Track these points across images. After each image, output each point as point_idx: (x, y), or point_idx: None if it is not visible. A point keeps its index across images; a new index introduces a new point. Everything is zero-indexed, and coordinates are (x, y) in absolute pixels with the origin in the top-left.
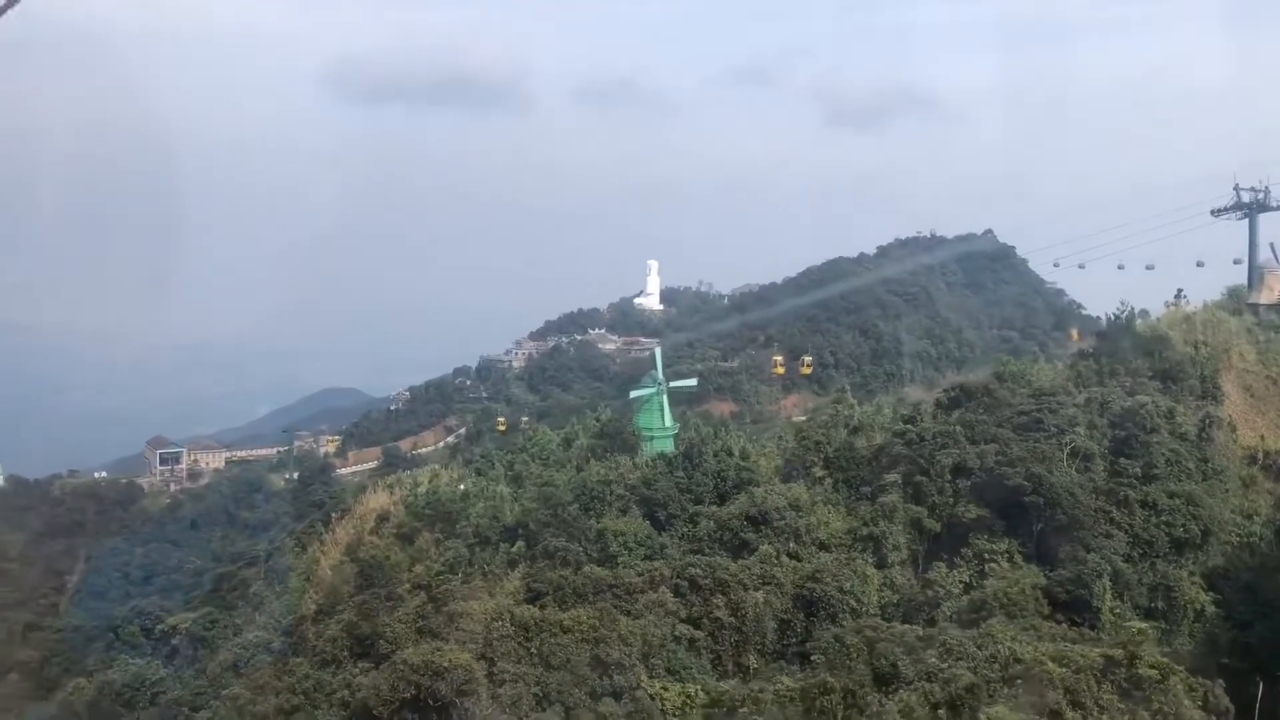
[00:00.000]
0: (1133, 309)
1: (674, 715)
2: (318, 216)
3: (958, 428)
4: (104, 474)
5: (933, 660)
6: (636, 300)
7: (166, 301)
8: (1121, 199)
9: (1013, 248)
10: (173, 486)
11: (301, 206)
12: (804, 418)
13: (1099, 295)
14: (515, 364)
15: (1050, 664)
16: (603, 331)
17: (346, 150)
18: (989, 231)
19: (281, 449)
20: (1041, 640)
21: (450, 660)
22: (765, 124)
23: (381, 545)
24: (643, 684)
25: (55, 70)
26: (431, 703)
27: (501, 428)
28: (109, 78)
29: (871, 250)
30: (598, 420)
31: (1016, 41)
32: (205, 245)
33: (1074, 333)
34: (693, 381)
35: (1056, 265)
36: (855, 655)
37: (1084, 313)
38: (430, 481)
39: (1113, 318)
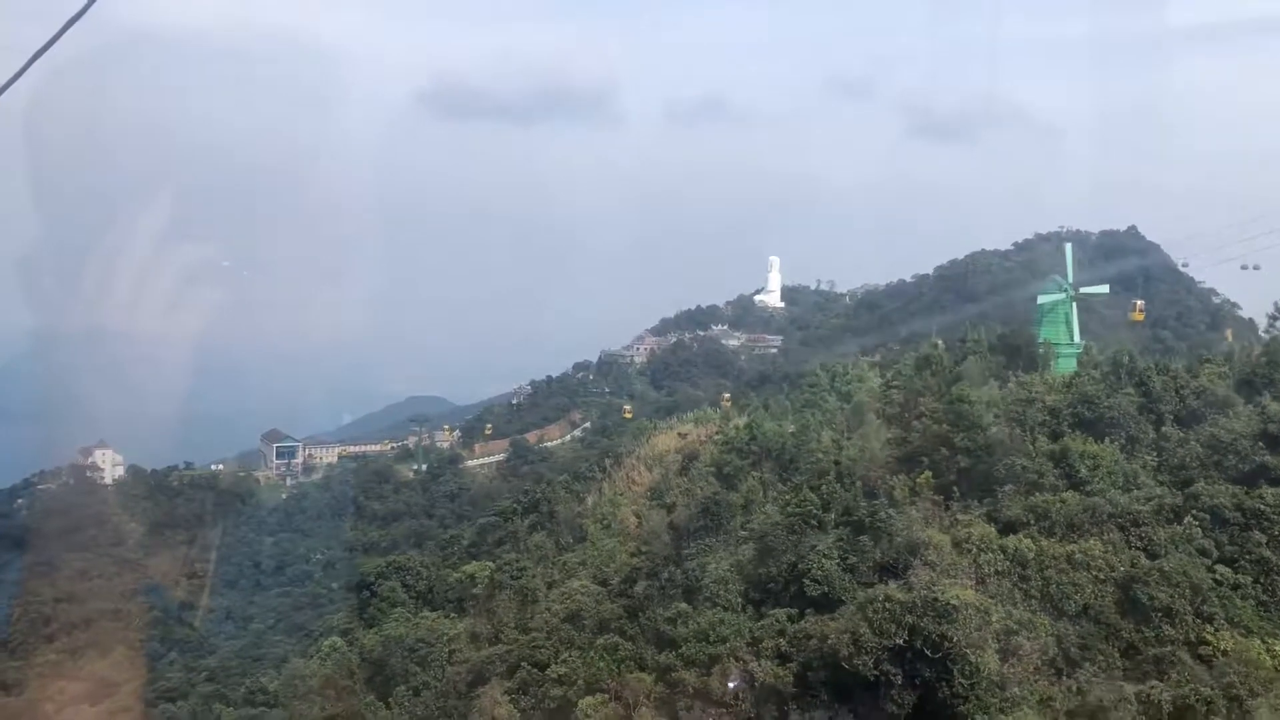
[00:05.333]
0: None
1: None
2: (406, 230)
3: None
4: (220, 466)
5: None
6: (757, 297)
7: (258, 312)
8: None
9: (1157, 245)
10: (288, 480)
11: (390, 221)
12: None
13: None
14: (637, 359)
15: None
16: (725, 328)
17: (441, 166)
18: (1132, 228)
19: (395, 444)
20: None
21: (958, 598)
22: (858, 136)
23: (704, 487)
24: (1207, 637)
25: (139, 80)
26: (930, 653)
27: (628, 414)
28: (201, 92)
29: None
30: (975, 339)
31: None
32: (295, 257)
33: (1228, 334)
34: (1104, 289)
35: (1185, 266)
36: None
37: (1239, 314)
38: (751, 416)
39: None
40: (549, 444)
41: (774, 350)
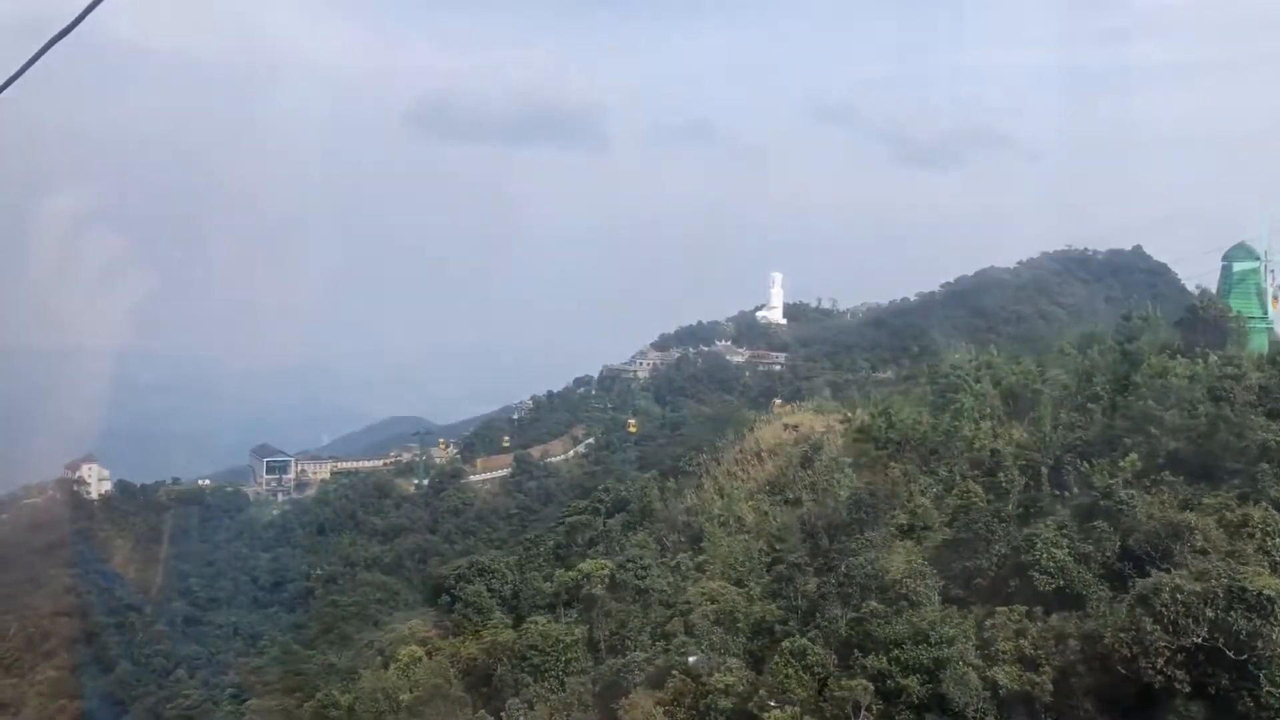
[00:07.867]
0: None
1: None
2: (393, 250)
3: None
4: (208, 481)
5: None
6: (760, 314)
7: (243, 328)
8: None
9: (1165, 264)
10: (279, 496)
11: (377, 241)
12: None
13: None
14: (640, 374)
15: None
16: (729, 344)
17: (431, 185)
18: (1138, 247)
19: (393, 459)
20: None
21: (1271, 586)
22: (841, 162)
23: (839, 479)
24: None
25: (128, 97)
26: (1232, 654)
27: (633, 429)
28: (191, 112)
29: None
30: (1143, 317)
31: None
32: (285, 275)
33: None
34: None
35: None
36: None
37: None
38: (884, 405)
39: None
40: (552, 459)
41: (778, 366)
